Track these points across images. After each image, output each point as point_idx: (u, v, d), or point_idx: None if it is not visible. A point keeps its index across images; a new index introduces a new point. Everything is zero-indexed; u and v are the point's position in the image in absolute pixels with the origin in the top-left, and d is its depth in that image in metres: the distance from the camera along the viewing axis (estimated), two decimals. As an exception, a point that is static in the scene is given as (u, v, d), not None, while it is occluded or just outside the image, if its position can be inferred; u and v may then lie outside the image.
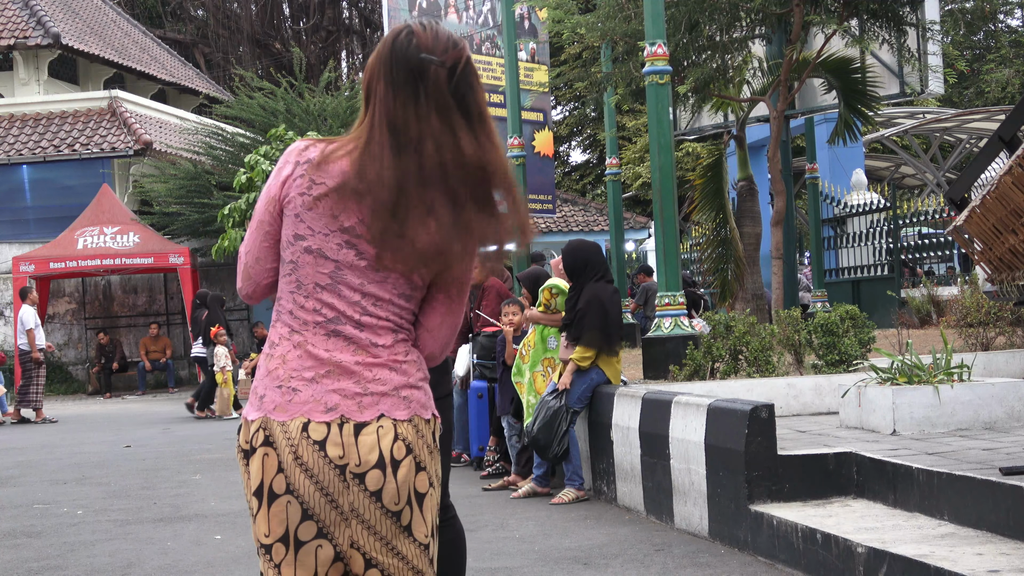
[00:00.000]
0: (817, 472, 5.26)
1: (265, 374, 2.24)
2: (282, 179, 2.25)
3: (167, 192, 21.17)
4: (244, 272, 2.33)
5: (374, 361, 2.22)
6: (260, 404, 2.22)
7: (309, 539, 2.20)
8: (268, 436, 2.20)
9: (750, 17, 11.23)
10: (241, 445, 2.26)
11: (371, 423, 2.19)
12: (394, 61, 2.24)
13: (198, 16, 41.58)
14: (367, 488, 2.18)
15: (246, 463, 2.25)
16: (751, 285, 12.65)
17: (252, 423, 2.22)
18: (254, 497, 2.22)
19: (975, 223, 6.47)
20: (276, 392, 2.21)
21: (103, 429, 13.71)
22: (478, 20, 21.76)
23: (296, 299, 2.24)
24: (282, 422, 2.19)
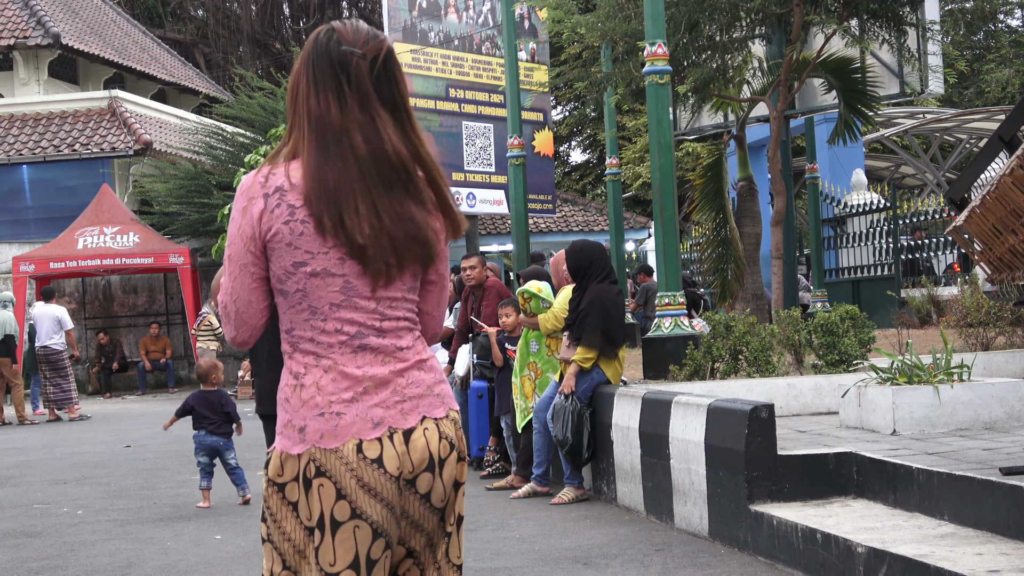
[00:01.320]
0: (817, 472, 5.26)
1: (300, 405, 2.20)
2: (256, 215, 2.20)
3: (167, 192, 21.17)
4: (236, 319, 2.26)
5: (404, 366, 2.23)
6: (303, 436, 2.18)
7: (380, 555, 2.21)
8: (319, 467, 2.17)
9: (750, 17, 11.23)
10: (277, 480, 2.21)
11: (417, 427, 2.22)
12: (316, 58, 2.25)
13: (198, 16, 41.58)
14: (418, 491, 2.23)
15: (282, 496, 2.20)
16: (751, 285, 12.65)
17: (299, 457, 2.18)
18: (317, 530, 2.18)
19: (975, 223, 6.47)
20: (319, 420, 2.18)
21: (103, 429, 13.71)
22: (478, 20, 21.76)
23: (314, 324, 2.21)
24: (334, 449, 2.17)
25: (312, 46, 2.27)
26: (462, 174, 20.98)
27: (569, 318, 7.03)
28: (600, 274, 6.99)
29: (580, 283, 7.02)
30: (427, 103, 20.45)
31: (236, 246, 2.22)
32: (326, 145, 2.20)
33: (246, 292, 2.23)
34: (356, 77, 2.23)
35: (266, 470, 2.25)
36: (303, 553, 2.21)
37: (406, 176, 2.23)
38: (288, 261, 2.19)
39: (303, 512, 2.19)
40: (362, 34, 2.27)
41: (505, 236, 24.05)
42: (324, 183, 2.17)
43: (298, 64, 2.29)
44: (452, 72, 21.07)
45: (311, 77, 2.24)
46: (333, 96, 2.22)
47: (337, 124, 2.21)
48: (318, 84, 2.23)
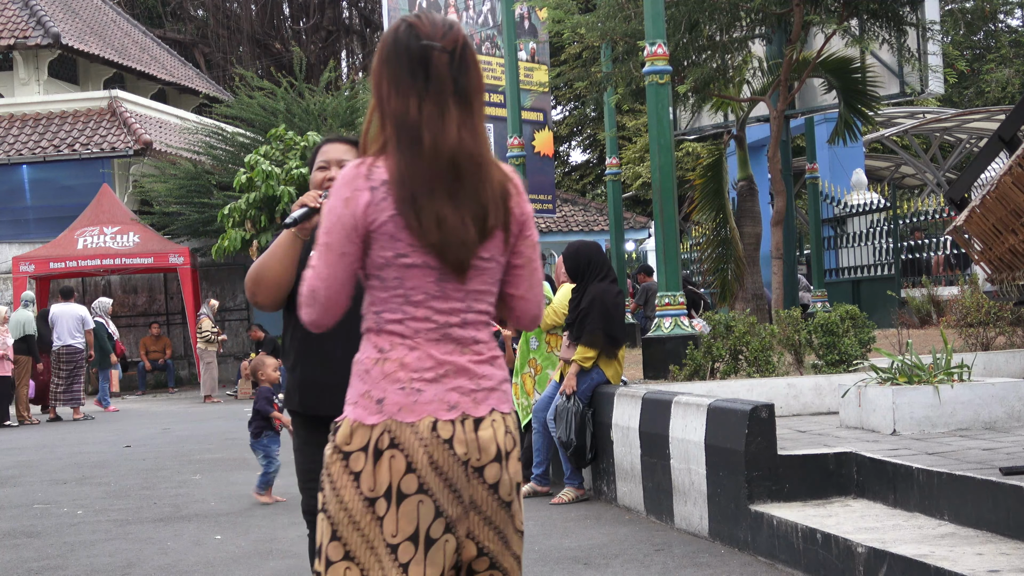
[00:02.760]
0: (817, 472, 5.26)
1: (381, 377, 2.24)
2: (362, 207, 2.23)
3: (167, 192, 21.17)
4: (324, 304, 2.29)
5: (480, 359, 2.30)
6: (380, 407, 2.23)
7: (439, 535, 2.25)
8: (393, 438, 2.22)
9: (750, 17, 11.23)
10: (344, 447, 2.24)
11: (486, 418, 2.28)
12: (396, 55, 2.27)
13: (198, 16, 41.58)
14: (486, 481, 2.27)
15: (345, 464, 2.24)
16: (751, 285, 12.65)
17: (373, 427, 2.23)
18: (383, 499, 2.22)
19: (975, 223, 6.46)
20: (399, 394, 2.23)
21: (103, 429, 13.72)
22: (478, 20, 21.77)
23: (406, 310, 2.26)
24: (411, 423, 2.22)
25: (391, 42, 2.29)
26: (462, 174, 20.98)
27: (569, 317, 7.03)
28: (600, 273, 6.99)
29: (580, 283, 7.02)
30: (427, 103, 20.45)
31: (336, 235, 2.25)
32: (404, 144, 2.24)
33: (341, 279, 2.27)
34: (436, 72, 2.26)
35: (334, 437, 2.28)
36: (358, 524, 2.24)
37: (470, 172, 2.26)
38: (390, 252, 2.25)
39: (366, 482, 2.22)
40: (439, 26, 2.29)
41: (505, 236, 24.00)
42: (404, 184, 2.22)
43: (377, 61, 2.30)
44: (452, 72, 21.07)
45: (391, 75, 2.27)
46: (413, 94, 2.25)
47: (415, 123, 2.24)
48: (399, 83, 2.26)
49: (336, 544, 2.25)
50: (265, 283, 3.57)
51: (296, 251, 3.57)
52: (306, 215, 3.54)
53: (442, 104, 2.25)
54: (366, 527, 2.23)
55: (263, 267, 3.58)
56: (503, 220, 2.30)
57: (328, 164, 3.68)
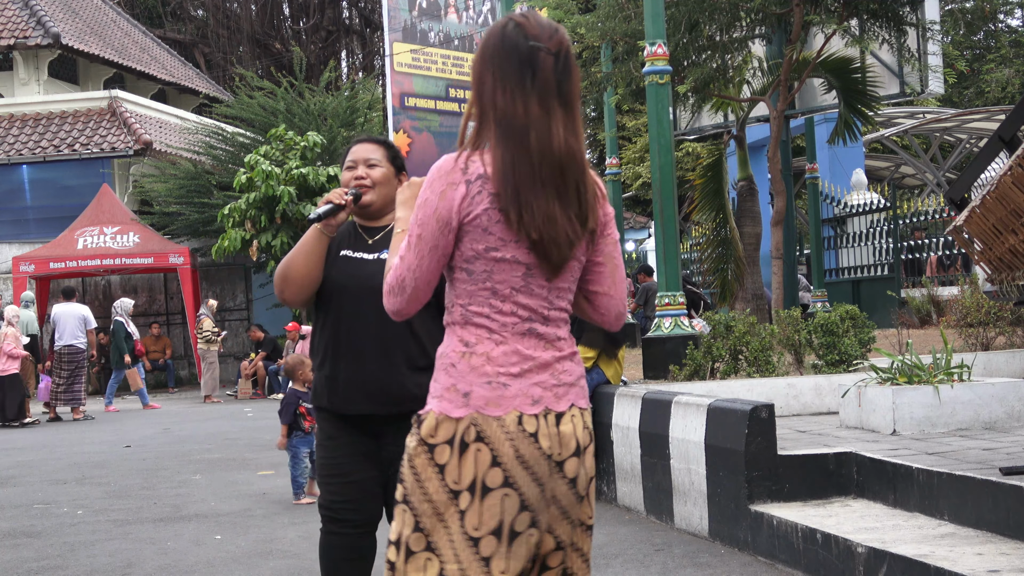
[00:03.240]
0: (817, 472, 5.26)
1: (468, 371, 2.26)
2: (457, 200, 2.25)
3: (167, 192, 21.17)
4: (411, 294, 2.31)
5: (561, 355, 2.33)
6: (466, 401, 2.25)
7: (524, 529, 2.26)
8: (479, 432, 2.24)
9: (750, 17, 11.23)
10: (429, 440, 2.26)
11: (566, 413, 2.30)
12: (503, 52, 2.29)
13: (198, 16, 41.57)
14: (566, 476, 2.29)
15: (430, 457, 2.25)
16: (751, 285, 12.65)
17: (459, 420, 2.24)
18: (467, 492, 2.23)
19: (975, 223, 6.46)
20: (486, 388, 2.25)
21: (103, 429, 13.72)
22: (478, 20, 21.76)
23: (492, 304, 2.29)
24: (497, 417, 2.24)
25: (499, 40, 2.30)
26: (462, 174, 20.98)
27: (569, 317, 7.03)
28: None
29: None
30: (427, 103, 20.46)
31: (430, 227, 2.27)
32: (510, 142, 2.26)
33: (429, 271, 2.29)
34: (543, 73, 2.28)
35: (418, 429, 2.29)
36: (441, 516, 2.25)
37: (573, 173, 2.29)
38: (481, 245, 2.27)
39: (450, 475, 2.24)
40: (546, 28, 2.32)
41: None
42: (508, 180, 2.24)
43: (481, 56, 2.31)
44: (452, 72, 21.07)
45: (498, 72, 2.28)
46: (519, 93, 2.27)
47: (521, 121, 2.26)
48: (505, 80, 2.27)
49: (419, 535, 2.26)
50: (292, 280, 3.59)
51: (322, 248, 3.59)
52: (331, 211, 3.57)
53: (548, 105, 2.27)
54: (449, 519, 2.24)
55: (290, 264, 3.60)
56: (596, 221, 2.34)
57: (356, 163, 3.70)
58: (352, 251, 3.66)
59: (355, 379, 3.57)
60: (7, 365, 14.40)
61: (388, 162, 3.71)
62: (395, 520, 2.32)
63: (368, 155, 3.69)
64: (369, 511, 3.67)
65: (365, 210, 3.69)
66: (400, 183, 3.76)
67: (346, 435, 3.64)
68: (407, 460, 2.30)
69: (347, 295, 3.59)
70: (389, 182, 3.70)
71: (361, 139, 3.79)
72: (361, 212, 3.71)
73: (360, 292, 3.57)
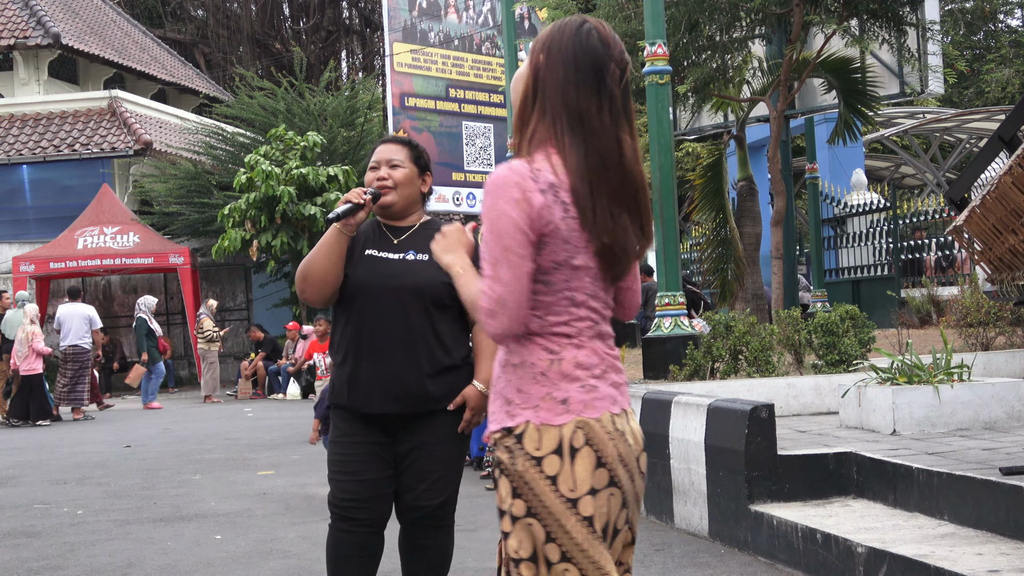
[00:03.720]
0: (817, 472, 5.26)
1: (560, 377, 2.25)
2: (537, 209, 2.20)
3: (167, 192, 21.17)
4: (514, 311, 2.22)
5: (615, 354, 2.37)
6: (566, 407, 2.24)
7: (623, 526, 2.31)
8: (585, 436, 2.24)
9: (750, 17, 11.23)
10: (535, 453, 2.23)
11: (628, 409, 2.35)
12: (576, 51, 2.27)
13: (198, 16, 41.58)
14: (641, 470, 2.35)
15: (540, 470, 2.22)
16: (751, 285, 12.65)
17: (562, 427, 2.23)
18: (588, 496, 2.23)
19: (975, 223, 6.46)
20: (580, 392, 2.25)
21: (103, 429, 13.72)
22: (478, 20, 21.76)
23: (571, 311, 2.28)
24: (596, 419, 2.25)
25: (572, 39, 2.28)
26: (462, 174, 20.99)
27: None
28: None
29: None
30: (427, 103, 20.46)
31: (516, 238, 2.19)
32: (584, 143, 2.24)
33: (525, 284, 2.22)
34: (611, 83, 2.27)
35: (520, 445, 2.24)
36: (563, 526, 2.23)
37: (640, 189, 2.31)
38: (561, 255, 2.25)
39: (565, 484, 2.23)
40: (617, 43, 2.31)
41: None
42: (584, 182, 2.23)
43: (546, 52, 2.28)
44: (452, 72, 21.07)
45: (570, 68, 2.26)
46: (593, 94, 2.26)
47: (595, 123, 2.25)
48: (579, 78, 2.26)
49: (552, 546, 2.24)
50: (312, 280, 3.61)
51: (342, 247, 3.60)
52: (349, 211, 3.58)
53: (616, 117, 2.27)
54: (572, 528, 2.23)
55: (310, 263, 3.62)
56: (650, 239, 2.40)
57: (379, 164, 3.72)
58: (377, 251, 3.67)
59: (377, 378, 3.59)
60: (34, 364, 14.47)
61: (411, 162, 3.72)
62: (518, 536, 2.26)
63: (391, 156, 3.70)
64: (380, 510, 3.68)
65: (387, 210, 3.70)
66: (424, 183, 3.78)
67: (362, 434, 3.66)
68: (518, 478, 2.24)
69: (371, 295, 3.60)
70: (411, 182, 3.71)
71: (386, 139, 3.82)
72: (384, 212, 3.72)
73: (384, 292, 3.59)
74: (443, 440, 3.65)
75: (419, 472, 3.64)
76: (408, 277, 3.61)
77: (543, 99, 2.27)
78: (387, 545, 3.81)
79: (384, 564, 3.93)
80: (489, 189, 2.22)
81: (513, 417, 2.26)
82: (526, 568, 2.26)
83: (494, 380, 2.34)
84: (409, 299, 3.59)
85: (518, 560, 2.27)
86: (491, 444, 2.32)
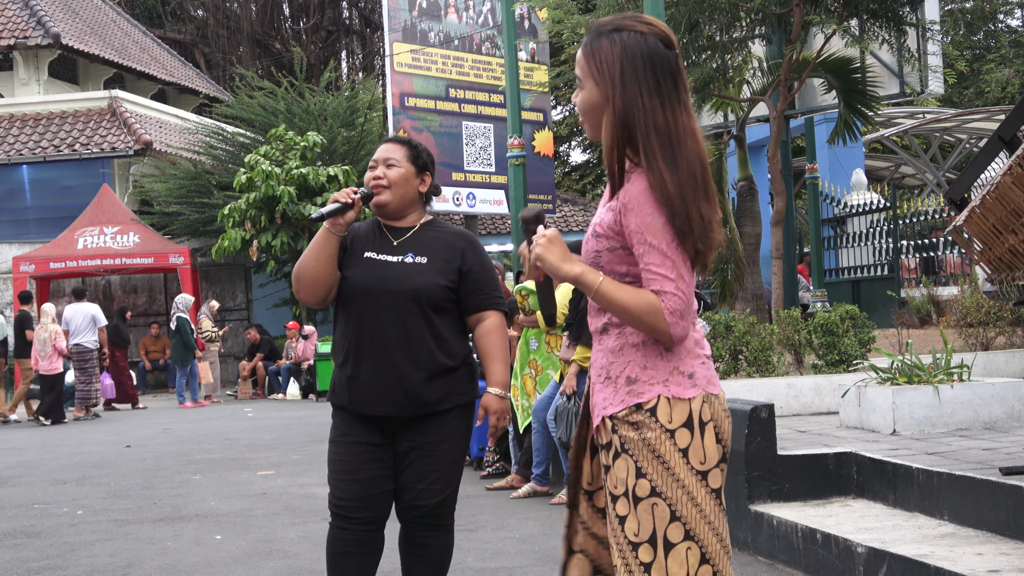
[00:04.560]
0: (817, 472, 5.26)
1: (685, 353, 2.32)
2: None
3: (167, 192, 21.18)
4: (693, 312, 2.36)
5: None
6: (693, 382, 2.30)
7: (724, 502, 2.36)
8: (711, 410, 2.31)
9: (750, 17, 11.22)
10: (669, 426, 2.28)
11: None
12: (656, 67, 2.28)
13: (198, 16, 41.57)
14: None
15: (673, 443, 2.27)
16: (751, 285, 12.64)
17: (691, 400, 2.29)
18: (716, 469, 2.29)
19: (975, 223, 6.46)
20: (702, 368, 2.33)
21: (103, 429, 13.72)
22: (478, 20, 21.76)
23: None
24: (716, 394, 2.33)
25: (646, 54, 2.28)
26: (462, 174, 20.99)
27: (569, 317, 7.02)
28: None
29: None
30: (427, 103, 20.46)
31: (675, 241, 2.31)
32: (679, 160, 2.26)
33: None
34: (681, 77, 2.31)
35: (653, 418, 2.28)
36: (694, 499, 2.26)
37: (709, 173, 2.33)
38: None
39: (695, 455, 2.27)
40: (670, 34, 2.32)
41: (505, 236, 24.06)
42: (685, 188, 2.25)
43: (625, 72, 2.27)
44: (452, 72, 21.07)
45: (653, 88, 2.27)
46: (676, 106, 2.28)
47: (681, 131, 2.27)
48: (662, 95, 2.27)
49: (676, 524, 2.26)
50: (305, 280, 3.61)
51: (332, 247, 3.59)
52: (335, 211, 3.56)
53: (689, 108, 2.31)
54: (702, 501, 2.27)
55: (302, 265, 3.62)
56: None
57: (376, 163, 3.71)
58: (376, 253, 3.66)
59: (376, 381, 3.59)
60: (56, 364, 14.56)
61: (408, 162, 3.70)
62: (637, 520, 2.27)
63: (388, 155, 3.69)
64: (378, 509, 3.68)
65: (383, 210, 3.69)
66: (423, 183, 3.75)
67: (360, 434, 3.66)
68: (648, 453, 2.27)
69: (370, 297, 3.60)
70: (407, 182, 3.69)
71: (387, 139, 3.81)
72: (380, 211, 3.71)
73: (382, 295, 3.59)
74: (443, 440, 3.65)
75: (418, 471, 3.65)
76: (406, 280, 3.60)
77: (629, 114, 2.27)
78: (388, 544, 3.81)
79: (384, 564, 3.93)
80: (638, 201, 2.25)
81: (642, 394, 2.30)
82: (644, 551, 2.26)
83: (605, 365, 2.37)
84: (407, 302, 3.59)
85: (636, 544, 2.27)
86: (608, 428, 2.33)
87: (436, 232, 3.74)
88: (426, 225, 3.76)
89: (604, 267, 2.34)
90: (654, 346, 2.31)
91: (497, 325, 3.72)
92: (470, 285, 3.68)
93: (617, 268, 2.33)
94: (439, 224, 3.78)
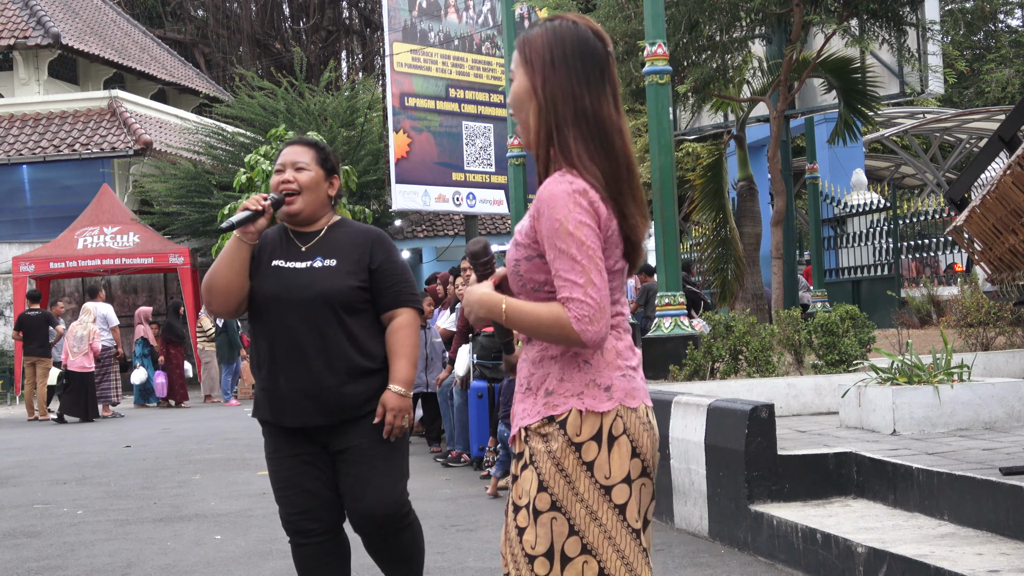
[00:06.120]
0: (817, 472, 5.26)
1: (604, 365, 2.28)
2: (603, 219, 2.24)
3: (167, 192, 21.18)
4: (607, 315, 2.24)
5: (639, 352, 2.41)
6: (609, 395, 2.27)
7: (651, 518, 2.33)
8: (625, 424, 2.27)
9: (750, 17, 11.22)
10: (575, 439, 2.25)
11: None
12: (589, 55, 2.28)
13: (198, 16, 41.58)
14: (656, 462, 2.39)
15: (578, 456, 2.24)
16: (751, 285, 12.64)
17: (604, 414, 2.26)
18: (623, 484, 2.25)
19: (975, 223, 6.46)
20: (622, 380, 2.29)
21: (103, 429, 13.72)
22: (478, 20, 21.75)
23: (614, 308, 2.34)
24: (634, 408, 2.28)
25: (577, 44, 2.28)
26: (462, 174, 20.98)
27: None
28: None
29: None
30: (427, 103, 20.45)
31: (597, 244, 2.22)
32: (610, 151, 2.26)
33: (608, 287, 2.26)
34: (612, 73, 2.30)
35: (561, 431, 2.26)
36: (594, 514, 2.24)
37: (636, 175, 2.33)
38: (611, 260, 2.29)
39: (600, 471, 2.24)
40: (604, 33, 2.32)
41: (505, 236, 24.06)
42: (614, 190, 2.25)
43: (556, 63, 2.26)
44: (452, 72, 21.06)
45: (582, 79, 2.26)
46: (605, 98, 2.27)
47: (610, 126, 2.27)
48: (591, 87, 2.27)
49: (574, 539, 2.24)
50: (215, 291, 3.51)
51: (244, 256, 3.49)
52: (246, 220, 3.45)
53: (619, 106, 2.30)
54: (603, 516, 2.24)
55: (212, 275, 3.51)
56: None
57: (284, 167, 3.58)
58: (284, 260, 3.56)
59: (296, 391, 3.51)
60: (87, 362, 14.60)
61: (317, 165, 3.60)
62: (535, 533, 2.25)
63: (296, 158, 3.58)
64: (329, 518, 3.62)
65: (294, 219, 3.59)
66: (332, 186, 3.65)
67: (291, 447, 3.58)
68: (551, 466, 2.25)
69: (280, 306, 3.50)
70: (318, 186, 3.59)
71: (292, 141, 3.69)
72: (293, 220, 3.61)
73: (293, 304, 3.49)
74: (375, 443, 3.57)
75: (356, 479, 3.56)
76: (316, 286, 3.50)
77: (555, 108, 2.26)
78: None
79: (365, 558, 3.94)
80: (555, 203, 2.21)
81: (556, 407, 2.27)
82: (540, 565, 2.25)
83: (528, 376, 2.33)
84: (319, 308, 3.49)
85: (533, 556, 2.25)
86: (522, 439, 2.31)
87: (344, 232, 3.64)
88: (334, 226, 3.66)
89: (524, 277, 2.29)
90: (572, 358, 2.27)
91: (407, 322, 3.61)
92: (380, 283, 3.58)
93: (536, 277, 2.28)
94: (347, 224, 3.67)
